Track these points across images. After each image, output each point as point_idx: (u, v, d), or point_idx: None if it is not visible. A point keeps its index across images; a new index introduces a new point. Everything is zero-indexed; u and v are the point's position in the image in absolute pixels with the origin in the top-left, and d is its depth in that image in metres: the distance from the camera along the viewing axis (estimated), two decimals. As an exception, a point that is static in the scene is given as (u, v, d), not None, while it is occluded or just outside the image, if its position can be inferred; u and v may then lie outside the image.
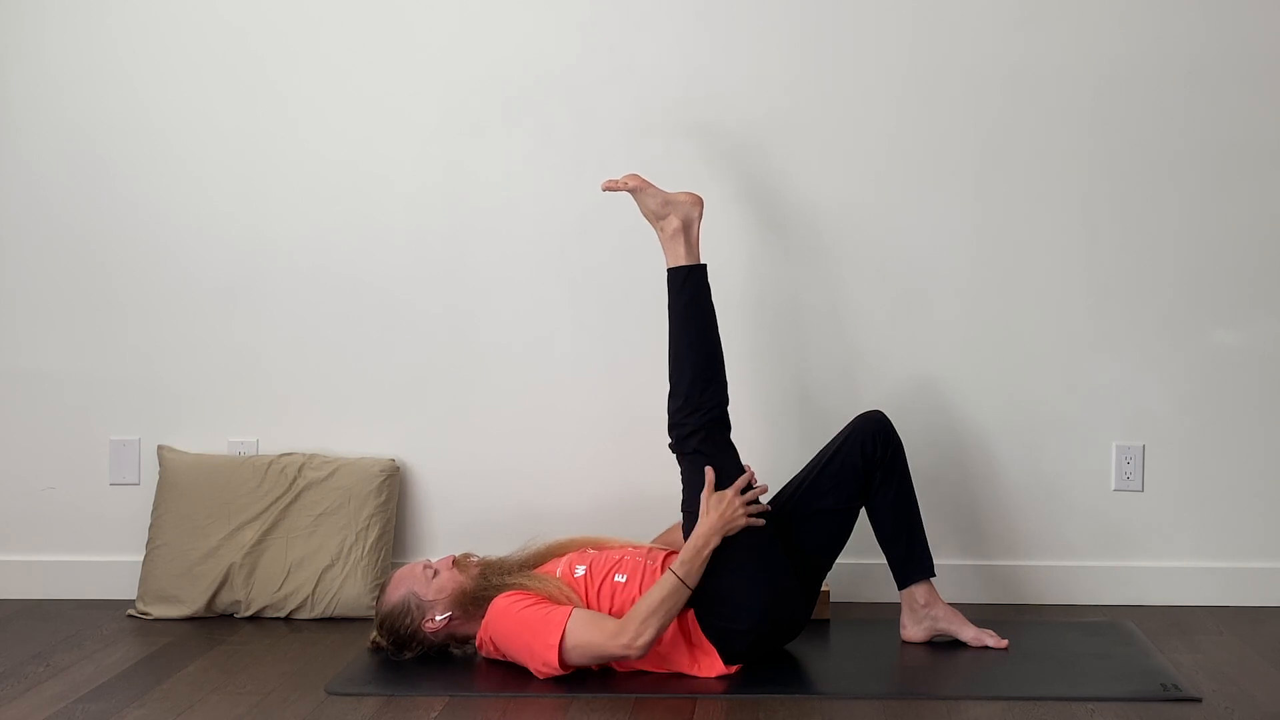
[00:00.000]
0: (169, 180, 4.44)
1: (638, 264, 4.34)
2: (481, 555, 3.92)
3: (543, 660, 3.60)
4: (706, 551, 3.66)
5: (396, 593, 3.79)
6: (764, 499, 3.89)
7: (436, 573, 3.80)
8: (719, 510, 3.70)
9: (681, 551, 3.69)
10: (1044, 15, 4.32)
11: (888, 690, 3.64)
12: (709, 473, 3.75)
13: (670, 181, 4.07)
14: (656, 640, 3.61)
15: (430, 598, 3.77)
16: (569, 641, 3.58)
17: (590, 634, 3.59)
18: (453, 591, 3.77)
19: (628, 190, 3.99)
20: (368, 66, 4.41)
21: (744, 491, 3.74)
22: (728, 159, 4.36)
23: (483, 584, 3.76)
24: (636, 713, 3.45)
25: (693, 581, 3.64)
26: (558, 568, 3.80)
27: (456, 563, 3.83)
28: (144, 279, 4.46)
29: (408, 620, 3.77)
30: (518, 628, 3.64)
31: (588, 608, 3.70)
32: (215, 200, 4.44)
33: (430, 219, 4.43)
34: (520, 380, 4.42)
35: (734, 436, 3.92)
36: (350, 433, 4.45)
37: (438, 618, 3.76)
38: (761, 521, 3.73)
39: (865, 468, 3.88)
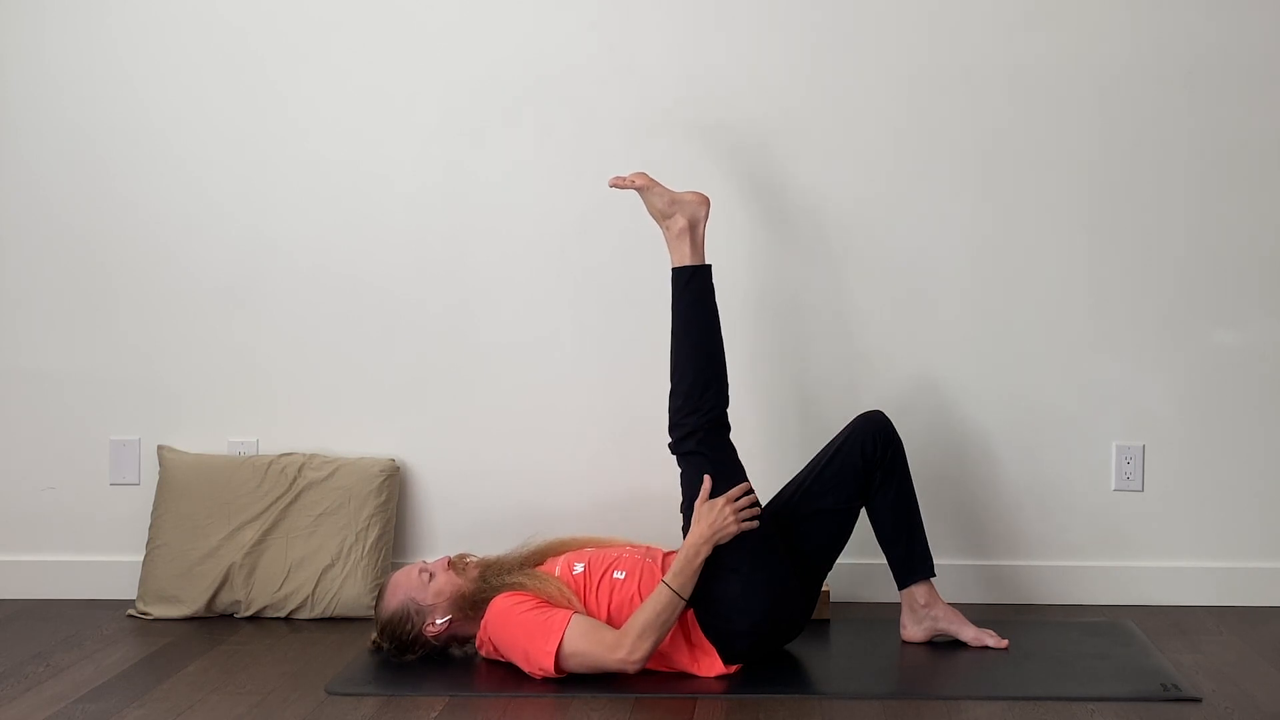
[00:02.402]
0: (169, 180, 4.44)
1: (638, 264, 4.34)
2: (480, 555, 3.92)
3: (539, 665, 3.60)
4: (698, 561, 3.66)
5: (394, 600, 3.77)
6: (764, 499, 3.90)
7: (433, 576, 3.78)
8: (709, 519, 3.69)
9: (674, 563, 3.68)
10: (1047, 17, 4.32)
11: (888, 690, 3.64)
12: (705, 481, 3.75)
13: (671, 182, 4.06)
14: (653, 653, 3.61)
15: (429, 602, 3.76)
16: (566, 649, 3.58)
17: (587, 644, 3.58)
18: (451, 595, 3.76)
19: (635, 188, 3.99)
20: (368, 66, 4.41)
21: (739, 500, 3.73)
22: (729, 159, 4.36)
23: (482, 586, 3.76)
24: (636, 713, 3.45)
25: (686, 592, 3.63)
26: (556, 566, 3.80)
27: (453, 565, 3.82)
28: (144, 279, 4.46)
29: (408, 626, 3.76)
30: (516, 630, 3.64)
31: (586, 605, 3.70)
32: (215, 200, 4.44)
33: (430, 219, 4.43)
34: (520, 380, 4.42)
35: (735, 436, 3.91)
36: (350, 433, 4.45)
37: (438, 621, 3.76)
38: (754, 525, 3.73)
39: (865, 468, 3.88)
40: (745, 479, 3.85)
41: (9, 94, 4.45)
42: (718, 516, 3.69)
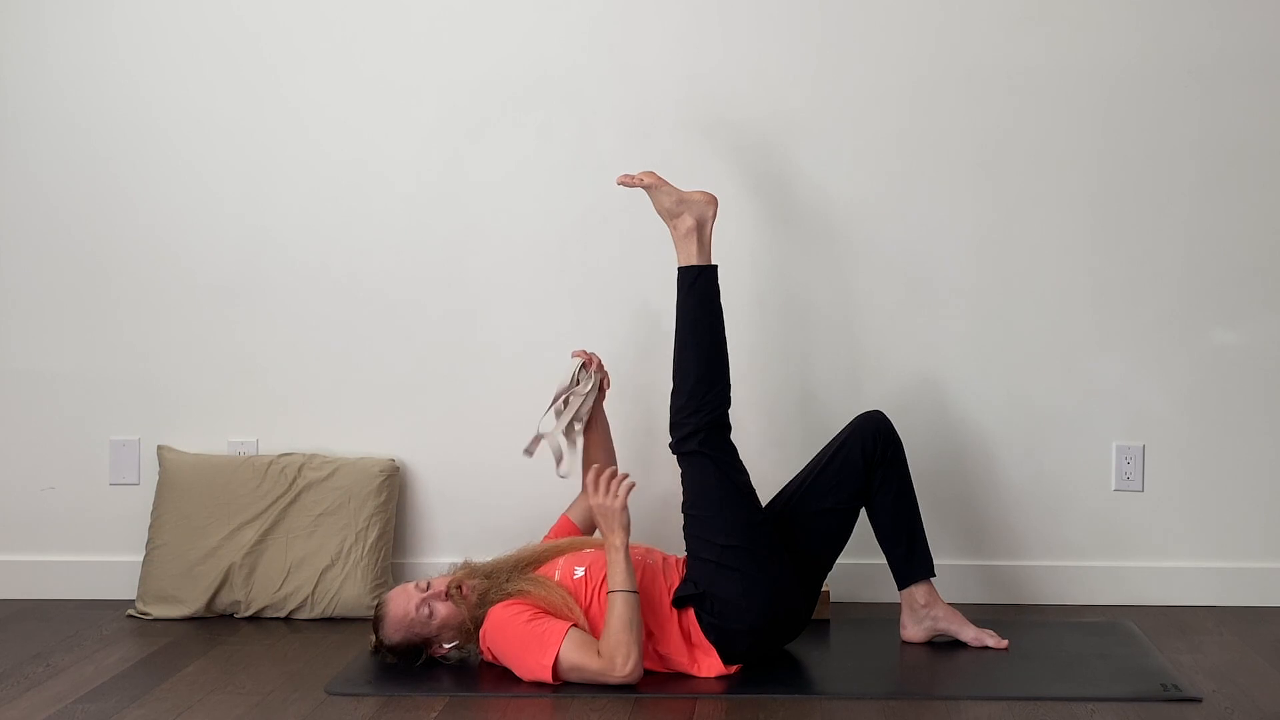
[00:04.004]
0: (170, 180, 4.44)
1: (638, 264, 4.35)
2: (478, 560, 3.87)
3: (536, 677, 3.58)
4: (619, 555, 3.61)
5: (398, 634, 3.73)
6: (764, 499, 3.90)
7: (433, 612, 3.71)
8: (601, 520, 3.66)
9: (607, 569, 3.64)
10: (1051, 16, 4.32)
11: (888, 690, 3.64)
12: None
13: (672, 181, 4.06)
14: (643, 656, 3.59)
15: (434, 634, 3.73)
16: (562, 663, 3.56)
17: (582, 658, 3.56)
18: (456, 625, 3.72)
19: (643, 186, 3.99)
20: (369, 65, 4.41)
21: (598, 480, 3.69)
22: (730, 159, 4.36)
23: (482, 613, 3.72)
24: (636, 713, 3.45)
25: (633, 584, 3.59)
26: (556, 570, 3.78)
27: (450, 596, 3.74)
28: (144, 279, 4.46)
29: (415, 652, 3.74)
30: (514, 642, 3.62)
31: (588, 610, 3.67)
32: (216, 200, 4.44)
33: (431, 219, 4.43)
34: (520, 380, 4.41)
35: (736, 435, 3.92)
36: (350, 433, 4.45)
37: (445, 645, 3.74)
38: (630, 483, 3.67)
39: (865, 467, 3.88)
40: (747, 478, 3.86)
41: (10, 92, 4.44)
42: (601, 509, 3.65)
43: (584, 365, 4.08)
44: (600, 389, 4.12)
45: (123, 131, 4.44)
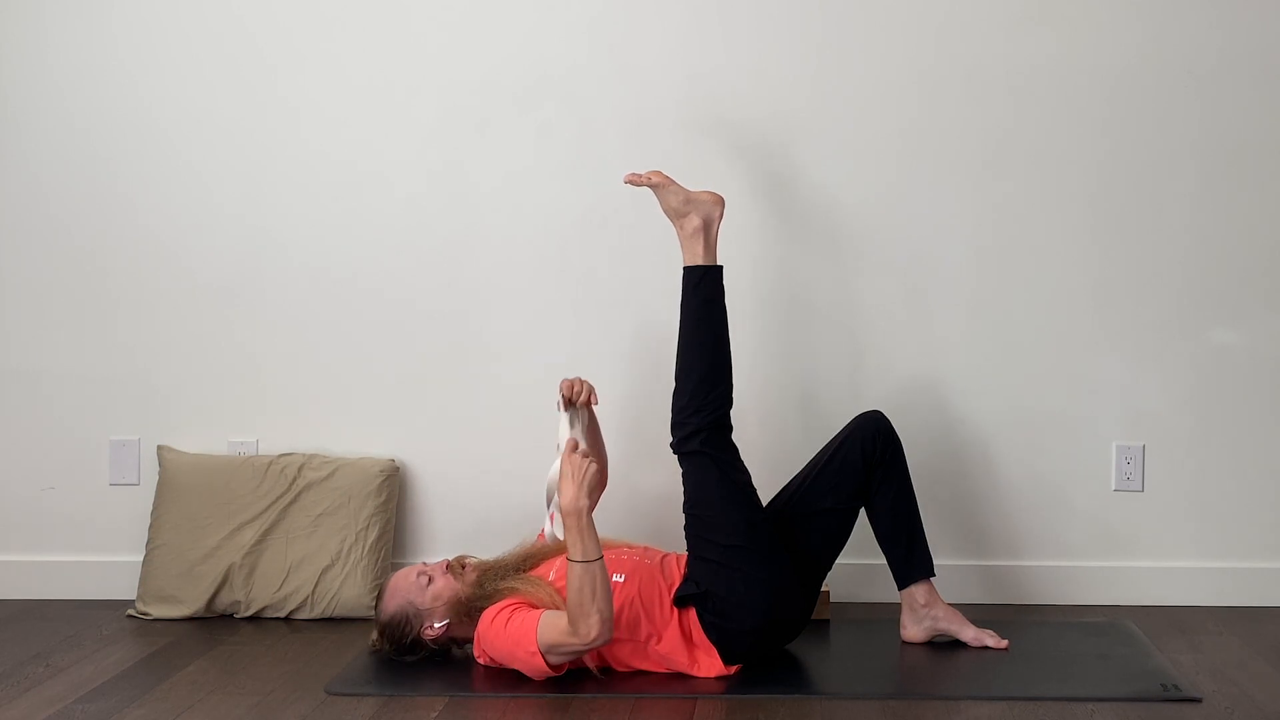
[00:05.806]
0: (170, 179, 4.44)
1: (638, 264, 4.35)
2: (479, 557, 3.90)
3: (534, 668, 3.59)
4: (584, 520, 3.53)
5: (393, 602, 3.77)
6: (765, 499, 3.90)
7: (431, 580, 3.76)
8: (570, 475, 3.56)
9: (565, 540, 3.58)
10: (1051, 16, 4.32)
11: (888, 690, 3.64)
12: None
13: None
14: (611, 617, 3.52)
15: (427, 606, 3.74)
16: (543, 648, 3.56)
17: (554, 635, 3.54)
18: (449, 600, 3.75)
19: (650, 186, 3.99)
20: (369, 65, 4.41)
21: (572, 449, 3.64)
22: (730, 160, 4.36)
23: (478, 592, 3.73)
24: (636, 713, 3.45)
25: (593, 552, 3.51)
26: (551, 570, 3.79)
27: (450, 569, 3.79)
28: (144, 278, 4.46)
29: (407, 629, 3.75)
30: (504, 641, 3.62)
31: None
32: (216, 199, 4.44)
33: (430, 219, 4.43)
34: (520, 380, 4.42)
35: (737, 435, 3.92)
36: (350, 433, 4.45)
37: (436, 625, 3.75)
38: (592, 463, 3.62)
39: (865, 467, 3.88)
40: (748, 478, 3.87)
41: (10, 92, 4.44)
42: (573, 467, 3.56)
43: (572, 404, 3.86)
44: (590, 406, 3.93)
45: (123, 131, 4.44)
